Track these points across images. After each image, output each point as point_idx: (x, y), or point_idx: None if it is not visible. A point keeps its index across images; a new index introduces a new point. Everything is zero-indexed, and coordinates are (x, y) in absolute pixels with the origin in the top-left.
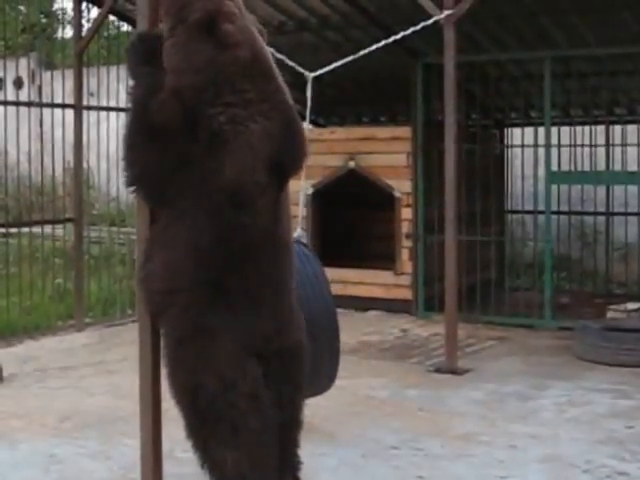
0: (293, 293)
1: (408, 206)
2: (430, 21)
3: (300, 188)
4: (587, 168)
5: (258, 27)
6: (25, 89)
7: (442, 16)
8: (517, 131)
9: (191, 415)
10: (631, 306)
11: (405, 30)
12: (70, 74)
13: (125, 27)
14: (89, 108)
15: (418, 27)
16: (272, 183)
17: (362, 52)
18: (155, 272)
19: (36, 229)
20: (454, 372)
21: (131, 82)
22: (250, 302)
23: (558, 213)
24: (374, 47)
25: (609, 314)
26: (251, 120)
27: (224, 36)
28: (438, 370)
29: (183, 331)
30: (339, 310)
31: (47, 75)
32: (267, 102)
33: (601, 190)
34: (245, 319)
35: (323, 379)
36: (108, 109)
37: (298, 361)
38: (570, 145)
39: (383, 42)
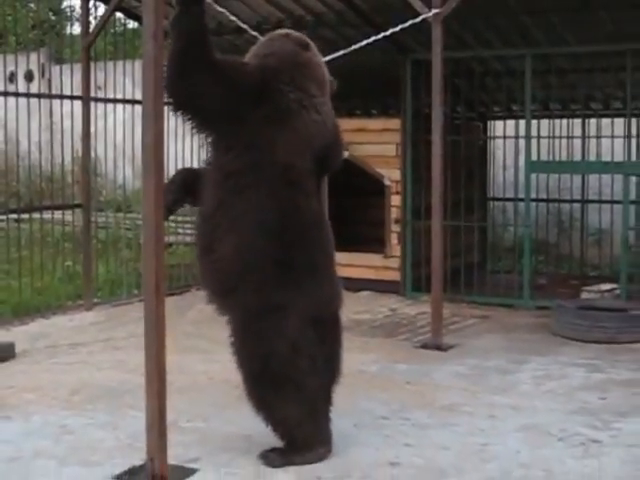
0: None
1: (397, 193)
2: (419, 19)
3: None
4: (564, 158)
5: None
6: (36, 82)
7: (430, 15)
8: (499, 123)
9: (259, 378)
10: (604, 287)
11: (395, 28)
12: (78, 68)
13: (131, 24)
14: (96, 100)
15: (407, 25)
16: (315, 171)
17: (354, 46)
18: (227, 254)
19: (46, 214)
20: (439, 348)
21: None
22: (312, 276)
23: (537, 200)
24: (365, 42)
25: (583, 294)
26: (314, 110)
27: (295, 37)
28: (424, 346)
29: (256, 307)
30: None
31: (56, 69)
32: (326, 105)
33: (577, 179)
34: (309, 291)
35: None
36: (115, 101)
37: (340, 323)
38: (549, 137)
39: (374, 38)
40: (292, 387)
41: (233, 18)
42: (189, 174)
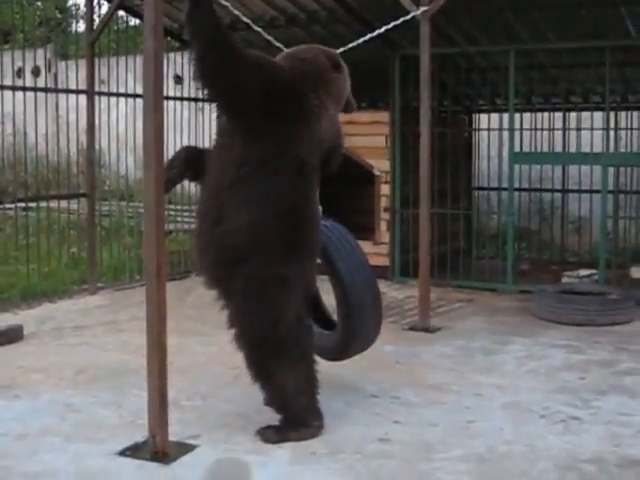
0: None
1: (386, 183)
2: (408, 17)
3: None
4: (546, 150)
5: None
6: (42, 77)
7: (418, 12)
8: (484, 116)
9: (264, 344)
10: (583, 272)
11: (385, 25)
12: (83, 64)
13: (133, 21)
14: (100, 94)
15: (397, 22)
16: (318, 170)
17: (350, 45)
18: (242, 226)
19: (53, 203)
20: (427, 330)
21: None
22: (309, 258)
23: (519, 190)
24: (360, 40)
25: (564, 279)
26: (327, 119)
27: (331, 55)
28: (412, 328)
29: (265, 276)
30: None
31: (62, 64)
32: (336, 118)
33: (558, 170)
34: (306, 270)
35: (372, 330)
36: (118, 95)
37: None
38: (531, 129)
39: (369, 36)
40: (297, 353)
41: (237, 12)
42: (191, 151)
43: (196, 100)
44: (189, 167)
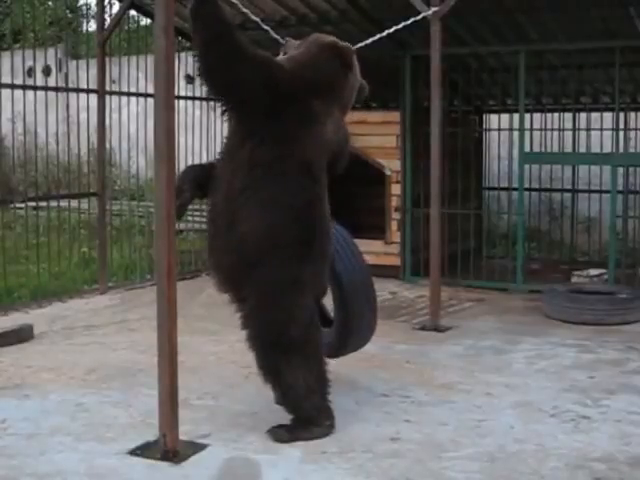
0: None
1: (397, 183)
2: (419, 17)
3: None
4: (556, 150)
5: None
6: (53, 76)
7: (429, 12)
8: (494, 117)
9: (277, 344)
10: (593, 272)
11: (396, 25)
12: (94, 63)
13: (144, 21)
14: (111, 93)
15: (408, 22)
16: (325, 170)
17: (359, 44)
18: (258, 229)
19: (63, 203)
20: (437, 329)
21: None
22: (323, 259)
23: (530, 190)
24: (370, 40)
25: (573, 279)
26: (331, 124)
27: (343, 53)
28: (423, 328)
29: (282, 278)
30: None
31: (73, 64)
32: (341, 121)
33: (568, 170)
34: (320, 272)
35: (367, 332)
36: (128, 94)
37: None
38: (541, 129)
39: (377, 36)
40: (308, 353)
41: (245, 10)
42: (199, 171)
43: (208, 100)
44: (198, 187)
